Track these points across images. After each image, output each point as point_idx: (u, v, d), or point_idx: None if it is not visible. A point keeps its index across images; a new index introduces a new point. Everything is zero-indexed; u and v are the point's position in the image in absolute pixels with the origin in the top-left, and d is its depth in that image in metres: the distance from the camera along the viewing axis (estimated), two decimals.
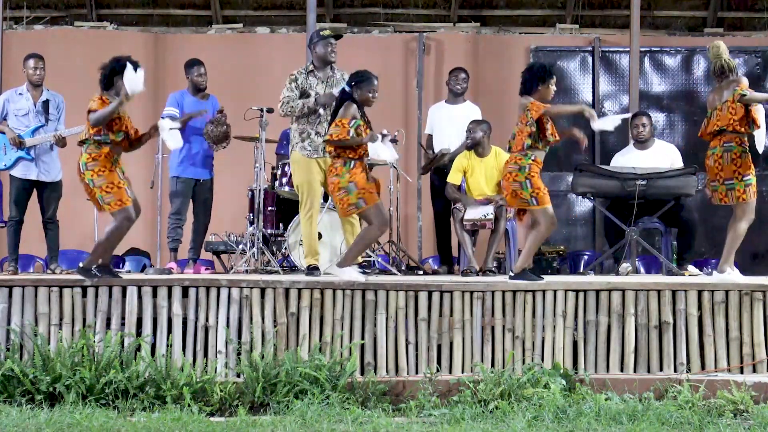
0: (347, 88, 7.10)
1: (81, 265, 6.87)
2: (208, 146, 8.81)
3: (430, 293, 6.57)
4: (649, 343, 6.56)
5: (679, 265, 8.56)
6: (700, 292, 6.61)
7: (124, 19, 11.96)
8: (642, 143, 8.98)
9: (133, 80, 6.69)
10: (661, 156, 8.93)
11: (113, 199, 6.74)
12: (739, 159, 6.98)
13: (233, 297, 6.54)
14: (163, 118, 8.89)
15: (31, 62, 8.52)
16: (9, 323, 6.49)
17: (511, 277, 6.91)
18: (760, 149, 7.15)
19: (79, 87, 10.11)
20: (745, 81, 7.06)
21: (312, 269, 7.66)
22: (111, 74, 6.81)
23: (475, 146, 8.54)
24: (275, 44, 11.63)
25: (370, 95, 7.12)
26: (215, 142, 8.67)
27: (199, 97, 8.90)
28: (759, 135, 7.09)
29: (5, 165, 8.41)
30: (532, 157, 6.93)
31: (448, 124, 9.20)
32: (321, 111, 7.82)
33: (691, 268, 8.45)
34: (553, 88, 7.09)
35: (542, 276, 7.20)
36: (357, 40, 11.47)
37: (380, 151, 7.01)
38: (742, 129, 6.98)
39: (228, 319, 6.52)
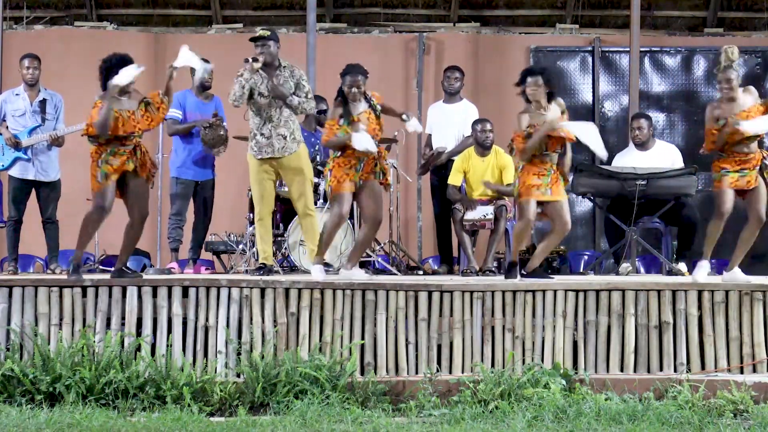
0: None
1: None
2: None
3: (430, 293, 6.57)
4: (649, 343, 6.56)
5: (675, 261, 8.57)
6: (700, 292, 6.62)
7: (124, 19, 11.95)
8: (641, 145, 8.97)
9: (120, 74, 6.77)
10: (662, 156, 8.90)
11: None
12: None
13: (233, 297, 6.54)
14: (165, 120, 8.91)
15: (26, 62, 8.51)
16: (9, 323, 6.48)
17: (522, 276, 7.03)
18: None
19: (78, 87, 10.10)
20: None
21: (262, 268, 7.60)
22: (105, 75, 6.88)
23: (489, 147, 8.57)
24: None
25: (350, 89, 7.13)
26: (211, 146, 8.65)
27: (202, 98, 8.87)
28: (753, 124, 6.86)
29: (3, 165, 8.40)
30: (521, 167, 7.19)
31: (445, 123, 9.20)
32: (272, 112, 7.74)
33: (681, 265, 8.42)
34: (531, 89, 7.11)
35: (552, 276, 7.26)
36: (357, 40, 11.46)
37: (361, 141, 7.03)
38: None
39: (228, 319, 6.52)
